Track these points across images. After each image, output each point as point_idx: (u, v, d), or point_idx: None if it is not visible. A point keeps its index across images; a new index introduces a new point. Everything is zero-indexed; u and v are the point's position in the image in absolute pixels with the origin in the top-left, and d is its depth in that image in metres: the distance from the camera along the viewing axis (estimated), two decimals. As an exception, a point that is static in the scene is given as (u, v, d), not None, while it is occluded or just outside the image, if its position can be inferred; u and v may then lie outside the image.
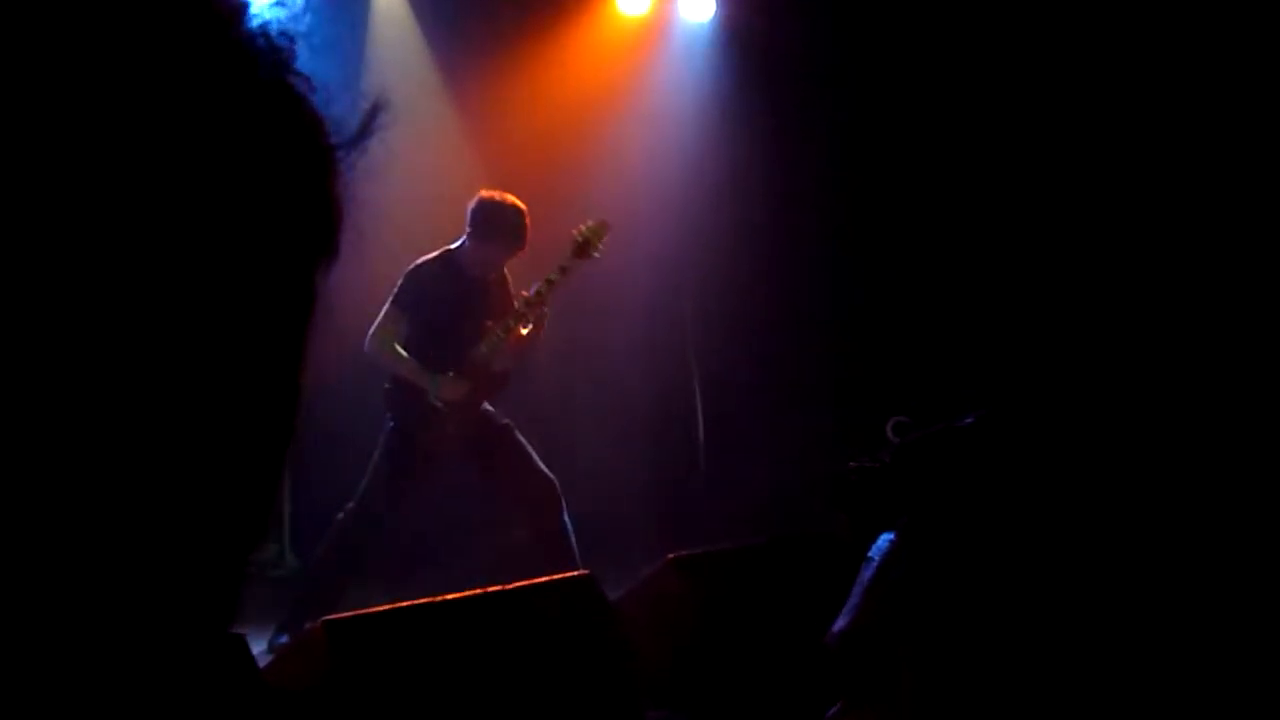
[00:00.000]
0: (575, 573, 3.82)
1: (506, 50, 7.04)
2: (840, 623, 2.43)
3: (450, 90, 7.01)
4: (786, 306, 6.85)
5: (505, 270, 5.31)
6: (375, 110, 0.61)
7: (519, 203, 5.15)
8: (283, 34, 0.58)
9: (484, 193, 5.19)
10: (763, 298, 6.87)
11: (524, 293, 5.24)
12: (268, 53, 0.57)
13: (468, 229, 5.17)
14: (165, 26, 0.54)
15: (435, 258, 5.21)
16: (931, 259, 6.35)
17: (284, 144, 0.57)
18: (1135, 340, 4.94)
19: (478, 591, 3.43)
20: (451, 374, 5.14)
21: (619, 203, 6.76)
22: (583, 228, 5.31)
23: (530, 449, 5.28)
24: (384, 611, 3.25)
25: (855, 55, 6.65)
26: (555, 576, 3.71)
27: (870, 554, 2.48)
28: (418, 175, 5.85)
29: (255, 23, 0.57)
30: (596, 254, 5.30)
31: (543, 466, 5.26)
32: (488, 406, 5.30)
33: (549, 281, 5.21)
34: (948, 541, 2.40)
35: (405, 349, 5.14)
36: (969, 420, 2.60)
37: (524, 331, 5.22)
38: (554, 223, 5.32)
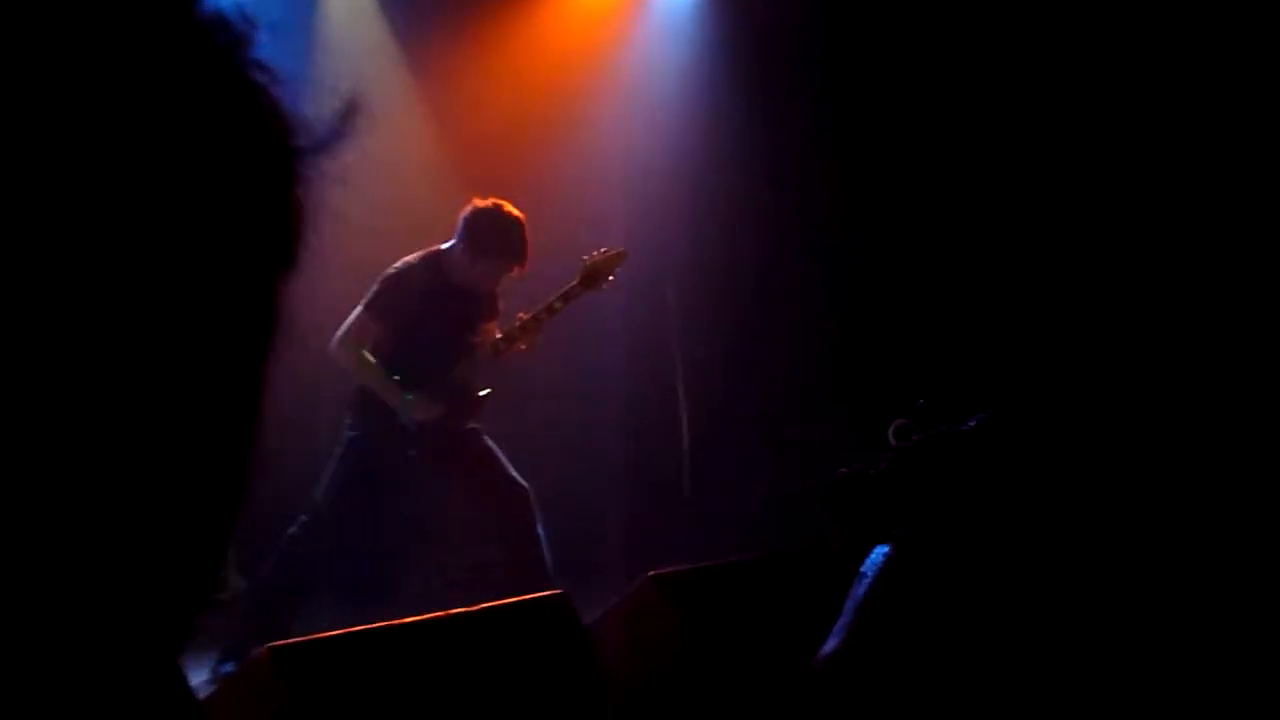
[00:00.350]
0: (548, 592, 3.82)
1: (473, 24, 7.04)
2: (830, 644, 2.44)
3: (410, 65, 7.00)
4: (778, 300, 6.86)
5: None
6: (348, 113, 0.60)
7: (518, 213, 5.11)
8: (243, 19, 0.57)
9: (479, 202, 5.14)
10: (753, 290, 6.89)
11: (521, 315, 5.23)
12: (228, 40, 0.56)
13: (460, 240, 5.13)
14: (115, 7, 0.53)
15: (419, 262, 5.17)
16: (937, 247, 6.38)
17: (244, 144, 0.56)
18: (1148, 340, 5.00)
19: (440, 614, 3.42)
20: (425, 393, 5.12)
21: (595, 187, 6.80)
22: (595, 254, 5.31)
23: (501, 454, 5.27)
24: (337, 636, 3.23)
25: (852, 28, 6.67)
26: (526, 597, 3.71)
27: (863, 569, 2.48)
28: (374, 161, 5.82)
29: (213, 5, 0.56)
30: (606, 286, 5.30)
31: (515, 474, 5.25)
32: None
33: (550, 308, 5.22)
34: (948, 556, 2.41)
35: (375, 355, 5.11)
36: (972, 423, 2.62)
37: (510, 351, 5.23)
38: (527, 211, 5.31)
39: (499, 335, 5.27)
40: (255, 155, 0.56)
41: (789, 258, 6.89)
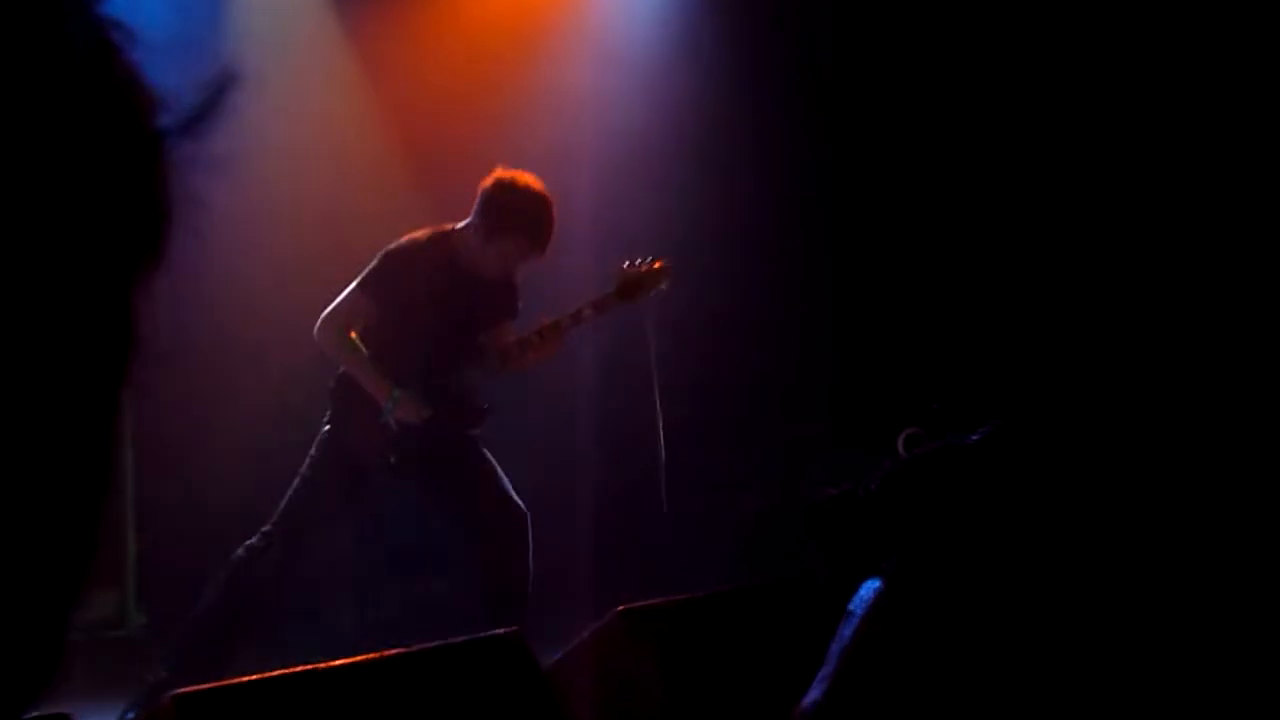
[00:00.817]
0: (498, 630, 3.76)
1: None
2: (813, 695, 2.40)
3: (344, 21, 6.92)
4: (768, 298, 6.84)
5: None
6: (220, 87, 0.57)
7: (544, 190, 5.03)
8: None
9: (502, 173, 5.05)
10: (740, 287, 6.86)
11: (543, 320, 5.14)
12: None
13: (474, 216, 5.05)
14: None
15: (425, 240, 5.10)
16: (937, 234, 6.41)
17: (92, 125, 0.52)
18: (1171, 344, 5.08)
19: (374, 655, 3.36)
20: (416, 392, 5.04)
21: (559, 165, 6.71)
22: (638, 263, 5.21)
23: (499, 469, 5.18)
24: (253, 682, 3.16)
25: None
26: (474, 636, 3.66)
27: (851, 606, 2.44)
28: (304, 130, 5.78)
29: None
30: (644, 301, 5.21)
31: (513, 493, 5.16)
32: None
33: (577, 316, 5.13)
34: (947, 593, 2.37)
35: (364, 342, 5.03)
36: (976, 437, 2.57)
37: (525, 357, 5.15)
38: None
39: (513, 344, 5.17)
40: (102, 134, 0.53)
41: (784, 253, 6.88)
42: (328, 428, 5.09)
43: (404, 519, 6.07)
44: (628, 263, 5.22)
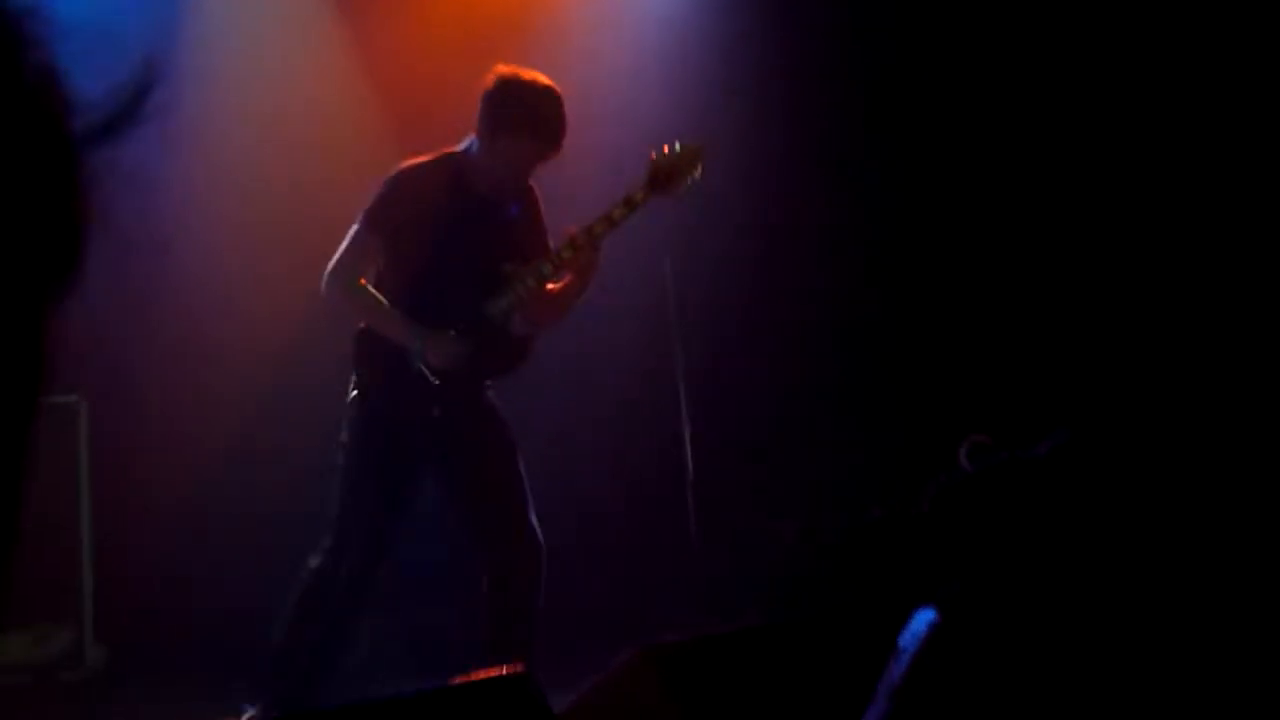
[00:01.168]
0: (503, 670, 3.71)
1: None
2: None
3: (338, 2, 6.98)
4: (808, 296, 6.83)
5: (536, 193, 5.19)
6: (142, 85, 0.55)
7: (551, 84, 5.03)
8: None
9: (503, 69, 5.05)
10: (775, 284, 6.87)
11: (570, 230, 5.07)
12: None
13: (478, 121, 5.06)
14: None
15: (429, 162, 5.10)
16: (1002, 240, 6.39)
17: None
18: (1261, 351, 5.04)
19: (366, 701, 3.33)
20: (444, 330, 4.98)
21: (567, 157, 6.70)
22: (666, 150, 5.15)
23: (527, 487, 5.16)
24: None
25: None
26: (473, 677, 3.60)
27: (901, 642, 2.35)
28: (297, 123, 5.77)
29: None
30: (683, 189, 5.13)
31: (534, 519, 5.14)
32: (493, 398, 5.16)
33: (608, 219, 5.05)
34: (1011, 625, 2.28)
35: (378, 289, 5.00)
36: (1044, 449, 2.49)
37: (559, 285, 5.09)
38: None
39: (542, 259, 5.12)
40: (6, 141, 0.51)
41: (828, 241, 6.90)
42: (355, 394, 5.04)
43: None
44: (655, 152, 5.14)
